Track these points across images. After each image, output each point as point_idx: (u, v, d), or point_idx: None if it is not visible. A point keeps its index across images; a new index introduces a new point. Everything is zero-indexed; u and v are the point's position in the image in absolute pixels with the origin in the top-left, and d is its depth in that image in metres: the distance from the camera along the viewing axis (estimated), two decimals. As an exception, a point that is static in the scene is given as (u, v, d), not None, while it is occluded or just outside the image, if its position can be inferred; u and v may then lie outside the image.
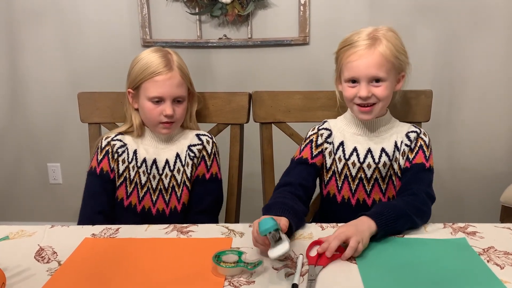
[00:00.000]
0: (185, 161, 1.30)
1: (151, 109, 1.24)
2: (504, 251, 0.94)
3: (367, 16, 2.10)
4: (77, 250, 0.98)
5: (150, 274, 0.89)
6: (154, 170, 1.29)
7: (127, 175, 1.30)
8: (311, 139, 1.26)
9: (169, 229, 1.07)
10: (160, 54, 1.25)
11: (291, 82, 2.18)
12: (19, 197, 2.53)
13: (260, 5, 2.11)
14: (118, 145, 1.31)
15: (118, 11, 2.19)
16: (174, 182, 1.29)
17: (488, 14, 2.07)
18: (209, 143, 1.32)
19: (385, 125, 1.23)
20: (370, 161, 1.21)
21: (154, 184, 1.30)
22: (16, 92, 2.36)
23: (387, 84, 1.16)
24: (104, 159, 1.30)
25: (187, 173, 1.30)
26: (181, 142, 1.32)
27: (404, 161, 1.20)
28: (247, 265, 0.86)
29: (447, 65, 2.15)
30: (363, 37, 1.15)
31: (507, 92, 2.16)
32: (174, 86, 1.24)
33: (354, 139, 1.23)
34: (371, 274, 0.86)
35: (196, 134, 1.32)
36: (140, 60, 1.25)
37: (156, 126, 1.27)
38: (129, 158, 1.30)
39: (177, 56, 1.28)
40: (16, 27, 2.26)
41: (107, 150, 1.30)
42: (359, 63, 1.14)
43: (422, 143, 1.21)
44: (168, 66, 1.23)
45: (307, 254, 0.93)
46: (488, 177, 2.25)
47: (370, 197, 1.23)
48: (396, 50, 1.15)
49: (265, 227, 0.86)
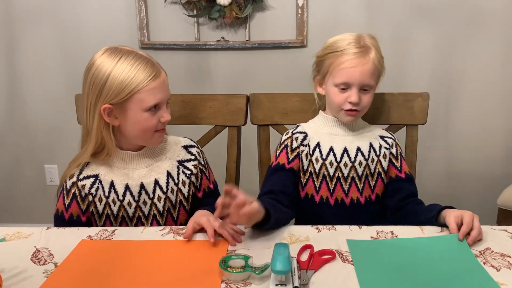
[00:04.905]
0: (179, 179, 1.19)
1: (149, 119, 1.09)
2: (500, 253, 0.94)
3: (364, 18, 2.11)
4: (73, 252, 0.98)
5: (146, 276, 0.89)
6: (144, 195, 1.15)
7: (108, 211, 1.15)
8: (286, 143, 1.27)
9: (165, 231, 1.07)
10: (134, 56, 1.08)
11: (288, 84, 2.18)
12: (16, 198, 2.52)
13: (258, 8, 2.12)
14: (88, 185, 1.13)
15: (116, 13, 2.19)
16: (169, 205, 1.18)
17: (485, 16, 2.08)
18: (200, 154, 1.25)
19: (358, 125, 1.28)
20: (346, 160, 1.24)
21: (146, 210, 1.16)
22: (14, 94, 2.36)
23: (372, 92, 1.22)
24: (72, 204, 1.14)
25: (184, 193, 1.19)
26: (169, 157, 1.20)
27: (388, 164, 1.26)
28: (255, 270, 0.85)
29: (444, 67, 2.16)
30: (354, 45, 1.18)
31: (504, 95, 2.17)
32: (167, 87, 1.13)
33: (330, 139, 1.26)
34: (368, 276, 0.87)
35: (183, 147, 1.23)
36: (114, 71, 1.05)
37: (150, 138, 1.13)
38: (107, 193, 1.14)
39: (146, 54, 1.12)
40: (14, 29, 2.25)
41: (74, 193, 1.14)
42: (354, 70, 1.17)
43: (400, 150, 1.30)
44: (155, 67, 1.09)
45: (298, 258, 0.93)
46: (485, 179, 2.26)
47: (348, 196, 1.25)
48: (380, 58, 1.21)
49: (280, 269, 0.81)
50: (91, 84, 1.07)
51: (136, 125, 1.10)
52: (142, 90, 1.06)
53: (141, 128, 1.10)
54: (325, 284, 0.85)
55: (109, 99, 1.06)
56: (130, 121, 1.09)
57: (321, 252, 0.95)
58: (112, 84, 1.05)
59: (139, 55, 1.09)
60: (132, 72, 1.05)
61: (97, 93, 1.06)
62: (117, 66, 1.05)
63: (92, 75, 1.07)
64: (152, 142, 1.15)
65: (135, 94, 1.06)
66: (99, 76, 1.06)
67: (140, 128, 1.10)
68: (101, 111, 1.07)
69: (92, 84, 1.07)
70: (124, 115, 1.09)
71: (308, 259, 0.92)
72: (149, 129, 1.10)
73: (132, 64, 1.06)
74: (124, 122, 1.10)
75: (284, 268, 0.81)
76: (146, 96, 1.06)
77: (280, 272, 0.81)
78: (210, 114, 1.41)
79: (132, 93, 1.05)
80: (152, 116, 1.09)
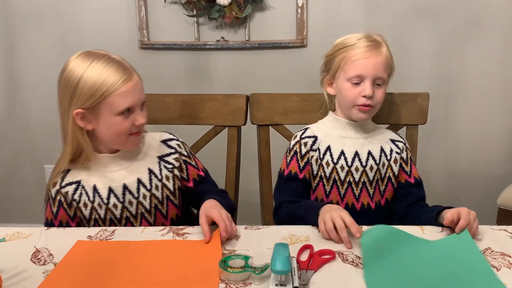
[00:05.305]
0: (162, 175, 1.18)
1: (121, 123, 1.08)
2: (500, 252, 0.95)
3: (364, 18, 2.10)
4: (69, 253, 0.97)
5: (144, 277, 0.88)
6: (129, 196, 1.14)
7: (96, 216, 1.15)
8: (295, 150, 1.26)
9: (165, 231, 1.07)
10: (106, 59, 1.07)
11: (288, 84, 2.18)
12: (16, 198, 2.52)
13: (258, 8, 2.12)
14: (71, 191, 1.14)
15: (116, 13, 2.18)
16: (156, 201, 1.17)
17: (485, 16, 2.08)
18: (180, 146, 1.23)
19: (369, 127, 1.26)
20: (357, 164, 1.22)
21: (133, 210, 1.16)
22: (14, 94, 2.36)
23: (384, 88, 1.20)
24: (60, 212, 1.15)
25: (169, 187, 1.19)
26: (148, 154, 1.18)
27: (398, 169, 1.25)
28: (255, 270, 0.85)
29: (443, 67, 2.15)
30: (365, 39, 1.18)
31: (504, 95, 2.17)
32: (140, 90, 1.11)
33: (340, 142, 1.24)
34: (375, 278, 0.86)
35: (161, 142, 1.21)
36: (85, 75, 1.04)
37: (125, 141, 1.11)
38: (91, 198, 1.14)
39: (119, 56, 1.11)
40: (14, 29, 2.25)
41: (59, 200, 1.14)
42: (367, 61, 1.16)
43: (410, 155, 1.29)
44: (127, 70, 1.08)
45: (298, 258, 0.93)
46: (485, 179, 2.25)
47: (358, 201, 1.23)
48: (391, 56, 1.21)
49: (280, 269, 0.81)
50: (64, 88, 1.07)
51: (109, 129, 1.09)
52: (113, 94, 1.05)
53: (114, 132, 1.09)
54: (325, 284, 0.85)
55: (80, 104, 1.05)
56: (103, 125, 1.08)
57: (321, 252, 0.95)
58: (83, 88, 1.04)
59: (111, 59, 1.07)
60: (102, 75, 1.04)
61: (69, 97, 1.06)
62: (88, 70, 1.04)
63: (64, 79, 1.07)
64: (127, 145, 1.14)
65: (106, 98, 1.05)
66: (71, 80, 1.05)
67: (113, 132, 1.09)
68: (73, 115, 1.06)
69: (64, 88, 1.07)
70: (97, 119, 1.08)
71: (308, 259, 0.92)
72: (123, 132, 1.09)
73: (103, 67, 1.05)
74: (97, 126, 1.09)
75: (284, 268, 0.81)
76: (117, 99, 1.05)
77: (280, 272, 0.81)
78: (210, 114, 1.41)
79: (103, 97, 1.04)
80: (125, 120, 1.08)
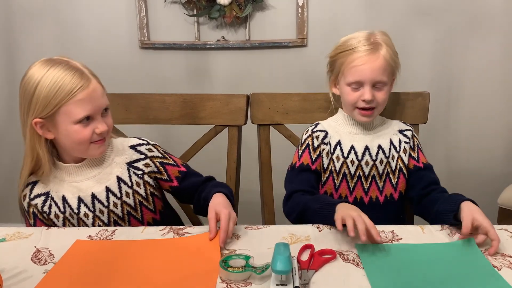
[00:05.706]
0: (132, 182, 1.14)
1: (80, 131, 1.04)
2: (501, 253, 0.94)
3: (364, 18, 2.10)
4: (67, 253, 0.97)
5: (143, 276, 0.88)
6: (99, 205, 1.12)
7: (69, 226, 1.13)
8: (308, 143, 1.27)
9: (165, 231, 1.07)
10: (62, 66, 1.03)
11: (289, 83, 2.18)
12: (16, 198, 2.51)
13: (258, 7, 2.12)
14: (40, 203, 1.12)
15: (116, 12, 2.18)
16: (127, 208, 1.14)
17: (485, 16, 2.08)
18: (152, 150, 1.18)
19: (378, 122, 1.28)
20: (367, 158, 1.24)
21: (105, 218, 1.13)
22: (13, 93, 2.35)
23: (387, 88, 1.21)
24: (37, 223, 1.14)
25: (141, 193, 1.15)
26: (116, 161, 1.14)
27: (408, 158, 1.26)
28: (255, 270, 0.85)
29: (444, 67, 2.15)
30: (364, 42, 1.18)
31: (504, 94, 2.17)
32: (100, 97, 1.06)
33: (350, 137, 1.26)
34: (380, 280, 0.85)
35: (130, 147, 1.17)
36: (41, 83, 1.01)
37: (86, 150, 1.07)
38: (61, 209, 1.11)
39: (80, 63, 1.08)
40: (13, 28, 2.25)
41: (33, 212, 1.13)
42: (365, 67, 1.16)
43: (418, 142, 1.30)
44: (84, 77, 1.04)
45: (298, 258, 0.92)
46: (486, 178, 2.25)
47: (367, 195, 1.25)
48: (393, 54, 1.20)
49: (280, 269, 0.80)
50: (22, 97, 1.05)
51: (68, 138, 1.05)
52: (68, 103, 1.01)
53: (74, 141, 1.06)
54: (326, 284, 0.85)
55: (38, 113, 1.02)
56: (62, 134, 1.05)
57: (321, 252, 0.94)
58: (38, 97, 1.01)
59: (68, 66, 1.04)
60: (58, 83, 1.01)
61: (27, 106, 1.03)
62: (43, 78, 1.01)
63: (22, 87, 1.05)
64: (90, 154, 1.10)
65: (61, 106, 1.01)
66: (27, 88, 1.03)
67: (73, 141, 1.06)
68: (32, 124, 1.04)
69: (22, 97, 1.05)
70: (56, 128, 1.05)
71: (308, 259, 0.92)
72: (83, 141, 1.06)
73: (59, 75, 1.01)
74: (57, 135, 1.06)
75: (284, 268, 0.81)
76: (73, 108, 1.02)
77: (280, 272, 0.81)
78: (210, 114, 1.41)
79: (59, 106, 1.01)
80: (84, 128, 1.04)
